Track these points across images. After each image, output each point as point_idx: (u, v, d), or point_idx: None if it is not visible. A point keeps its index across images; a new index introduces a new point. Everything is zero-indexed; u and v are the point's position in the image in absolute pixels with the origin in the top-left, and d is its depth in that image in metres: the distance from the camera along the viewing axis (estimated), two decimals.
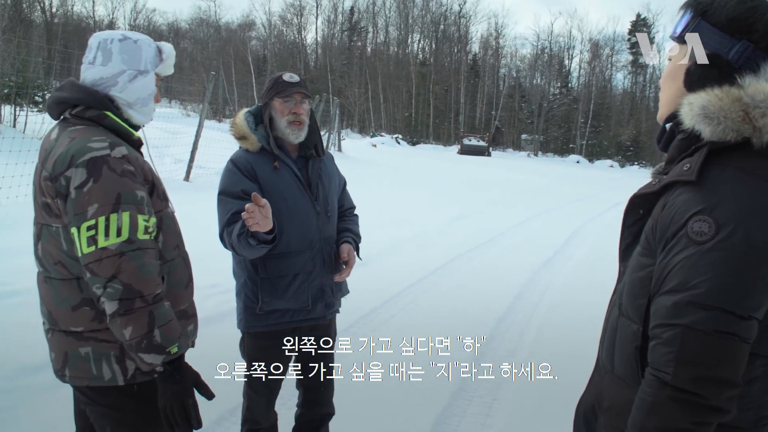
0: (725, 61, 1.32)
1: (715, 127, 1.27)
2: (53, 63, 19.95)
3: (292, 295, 2.64)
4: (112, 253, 1.73)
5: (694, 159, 1.29)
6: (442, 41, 63.75)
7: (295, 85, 2.62)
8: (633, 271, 1.40)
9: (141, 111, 1.99)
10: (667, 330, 1.23)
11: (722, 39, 1.33)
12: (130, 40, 1.96)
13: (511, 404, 3.86)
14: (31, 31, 40.98)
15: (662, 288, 1.27)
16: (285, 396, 3.16)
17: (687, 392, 1.20)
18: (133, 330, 1.76)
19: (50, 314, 1.93)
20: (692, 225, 1.23)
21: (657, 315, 1.27)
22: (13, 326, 4.29)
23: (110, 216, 1.74)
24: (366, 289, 5.47)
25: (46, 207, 1.84)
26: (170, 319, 1.85)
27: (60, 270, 1.87)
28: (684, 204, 1.26)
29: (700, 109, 1.29)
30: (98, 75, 1.93)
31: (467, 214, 11.60)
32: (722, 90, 1.29)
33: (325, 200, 2.74)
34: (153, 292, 1.80)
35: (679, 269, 1.23)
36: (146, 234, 1.81)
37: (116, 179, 1.77)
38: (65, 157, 1.77)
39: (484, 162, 32.18)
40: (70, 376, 1.93)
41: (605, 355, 1.50)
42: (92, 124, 1.89)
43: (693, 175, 1.26)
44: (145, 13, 70.18)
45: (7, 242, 5.88)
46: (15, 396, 3.45)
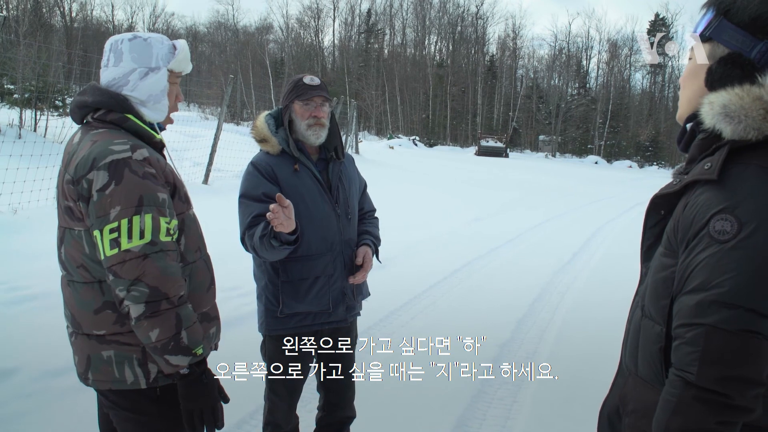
0: (747, 60, 1.31)
1: (736, 125, 1.27)
2: (73, 67, 20.17)
3: (313, 297, 2.63)
4: (136, 255, 1.74)
5: (715, 158, 1.29)
6: (459, 42, 63.65)
7: (315, 87, 2.61)
8: (656, 272, 1.38)
9: (154, 108, 1.98)
10: (690, 329, 1.22)
11: (744, 38, 1.32)
12: (140, 38, 1.96)
13: (530, 406, 3.81)
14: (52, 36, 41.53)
15: (685, 287, 1.26)
16: (306, 399, 3.15)
17: (711, 392, 1.18)
18: (160, 332, 1.76)
19: (73, 317, 1.94)
20: (714, 224, 1.22)
21: (680, 315, 1.25)
22: (35, 329, 4.32)
23: (133, 218, 1.74)
24: (385, 291, 5.46)
25: (69, 210, 1.84)
26: (194, 320, 1.86)
27: (82, 273, 1.87)
28: (705, 203, 1.25)
29: (720, 108, 1.29)
30: (111, 76, 1.95)
31: (485, 216, 11.56)
32: (743, 89, 1.28)
33: (346, 203, 2.73)
34: (178, 294, 1.80)
35: (701, 268, 1.22)
36: (168, 236, 1.82)
37: (138, 181, 1.77)
38: (87, 160, 1.78)
39: (502, 163, 32.07)
40: (93, 380, 1.93)
41: (629, 356, 1.48)
42: (114, 127, 1.90)
43: (714, 174, 1.26)
44: (164, 17, 70.99)
45: (28, 246, 5.94)
46: (36, 399, 3.47)
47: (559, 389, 3.97)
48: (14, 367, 3.72)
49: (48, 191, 7.25)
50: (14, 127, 10.12)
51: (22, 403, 3.42)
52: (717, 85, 1.33)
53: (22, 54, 11.70)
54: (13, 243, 6.00)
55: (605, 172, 33.91)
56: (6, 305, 4.65)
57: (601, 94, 57.59)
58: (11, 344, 4.06)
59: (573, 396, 3.75)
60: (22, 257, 5.62)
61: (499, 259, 8.07)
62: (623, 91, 58.60)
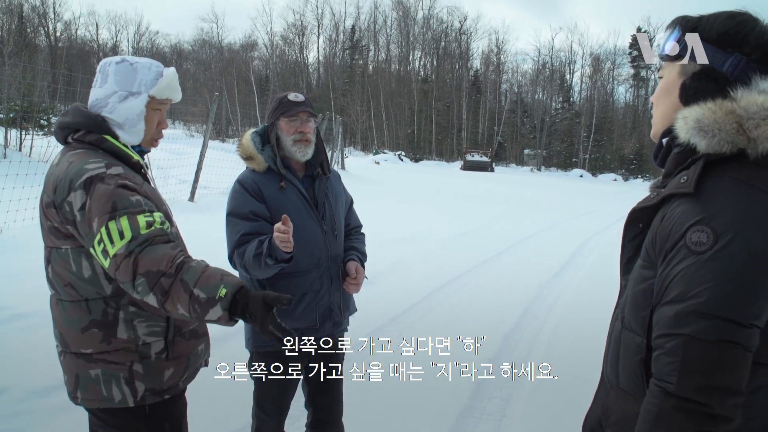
0: (720, 74, 1.35)
1: (710, 139, 1.30)
2: (58, 87, 20.12)
3: (300, 314, 2.64)
4: (123, 256, 1.76)
5: (690, 171, 1.31)
6: (444, 58, 64.13)
7: (300, 104, 2.65)
8: (635, 284, 1.40)
9: (130, 131, 2.00)
10: (669, 340, 1.23)
11: (715, 53, 1.36)
12: (127, 62, 2.00)
13: (520, 420, 3.84)
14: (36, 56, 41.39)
15: (663, 298, 1.27)
16: (294, 416, 3.15)
17: (691, 401, 1.19)
18: (182, 305, 1.76)
19: (61, 336, 1.95)
20: (691, 235, 1.24)
21: (659, 325, 1.27)
22: (22, 349, 4.30)
23: (109, 224, 1.76)
24: (373, 308, 5.47)
25: (54, 230, 1.87)
26: (201, 271, 1.79)
27: (69, 292, 1.89)
28: (682, 215, 1.28)
29: (694, 122, 1.32)
30: (95, 96, 2.00)
31: (472, 230, 11.60)
32: (715, 103, 1.31)
33: (332, 219, 2.75)
34: (172, 264, 1.78)
35: (679, 279, 1.24)
36: (149, 227, 1.81)
37: (110, 190, 1.80)
38: (64, 182, 1.81)
39: (488, 177, 32.22)
40: (82, 398, 1.95)
41: (610, 368, 1.50)
42: (92, 147, 1.93)
43: (690, 187, 1.28)
44: (149, 35, 70.99)
45: (15, 265, 5.90)
46: (24, 419, 3.45)
47: (549, 404, 4.00)
48: (2, 386, 3.69)
49: (34, 210, 7.21)
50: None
51: (10, 422, 3.39)
52: (691, 100, 1.37)
53: (7, 74, 11.66)
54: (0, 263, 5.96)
55: (590, 185, 34.17)
56: None
57: (585, 107, 58.16)
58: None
59: (563, 411, 3.78)
60: (9, 277, 5.59)
61: (486, 273, 8.11)
62: (607, 105, 59.25)
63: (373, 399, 4.04)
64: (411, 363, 4.72)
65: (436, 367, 4.68)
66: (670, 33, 1.45)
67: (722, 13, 1.38)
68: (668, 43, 1.44)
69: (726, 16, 1.37)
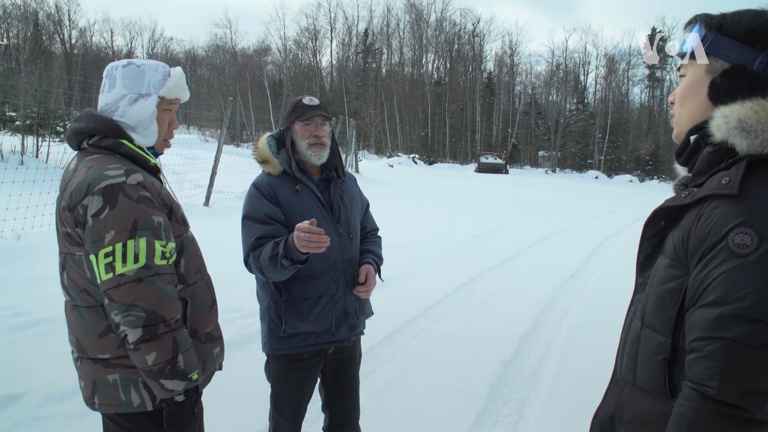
0: (752, 71, 1.33)
1: (753, 140, 1.28)
2: (73, 93, 20.30)
3: (315, 317, 2.65)
4: (130, 279, 1.75)
5: (732, 172, 1.28)
6: (457, 60, 64.04)
7: (315, 107, 2.65)
8: (660, 283, 1.38)
9: (143, 134, 2.00)
10: (709, 343, 1.21)
11: (744, 51, 1.34)
12: (134, 65, 2.00)
13: (536, 423, 3.81)
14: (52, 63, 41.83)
15: (701, 300, 1.25)
16: (310, 419, 3.15)
17: (732, 406, 1.18)
18: (157, 356, 1.77)
19: (78, 342, 1.95)
20: (733, 237, 1.21)
21: (696, 328, 1.25)
22: (39, 355, 4.34)
23: (127, 242, 1.76)
24: (388, 311, 5.48)
25: (68, 236, 1.87)
26: (190, 345, 1.87)
27: (85, 297, 1.88)
28: (723, 216, 1.25)
29: (736, 122, 1.29)
30: (104, 101, 1.99)
31: (486, 233, 11.57)
32: (757, 103, 1.29)
33: (347, 222, 2.75)
34: (174, 317, 1.82)
35: (720, 282, 1.22)
36: (163, 259, 1.83)
37: (132, 206, 1.79)
38: (82, 186, 1.80)
39: (502, 180, 32.13)
40: (99, 404, 1.94)
41: (626, 366, 1.48)
42: (109, 152, 1.92)
43: (735, 189, 1.25)
44: (163, 41, 71.48)
45: (32, 271, 5.96)
46: (43, 424, 3.47)
47: (563, 405, 3.97)
48: (20, 392, 3.73)
49: (51, 216, 7.28)
50: (16, 153, 10.20)
51: (29, 427, 3.42)
52: (724, 98, 1.35)
53: (24, 81, 11.80)
54: (17, 269, 6.02)
55: (606, 186, 33.96)
56: (11, 331, 4.66)
57: (600, 108, 57.81)
58: (17, 369, 4.08)
59: (576, 411, 3.75)
60: (26, 283, 5.65)
61: (501, 276, 8.08)
62: (621, 106, 58.88)
63: (388, 402, 4.04)
64: (426, 366, 4.74)
65: (451, 370, 4.68)
66: (690, 30, 1.44)
67: (747, 11, 1.37)
68: (690, 40, 1.43)
69: (753, 13, 1.36)
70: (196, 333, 2.03)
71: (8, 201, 6.88)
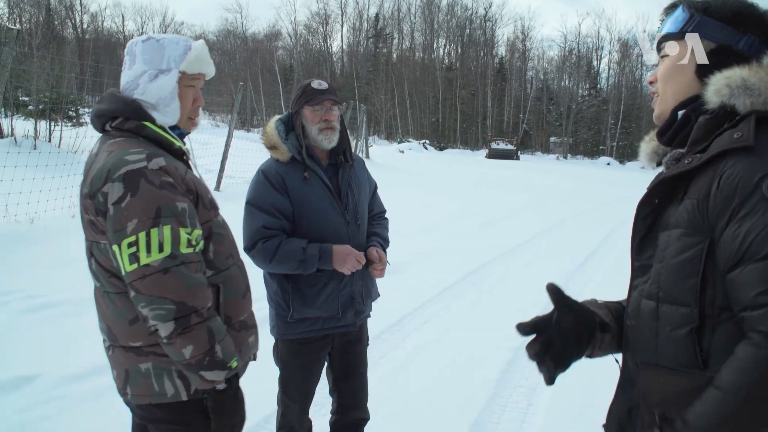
0: (737, 51, 1.39)
1: (757, 98, 1.32)
2: (85, 78, 20.38)
3: (322, 303, 2.66)
4: (155, 270, 1.67)
5: (743, 127, 1.29)
6: (468, 45, 63.67)
7: (324, 92, 2.65)
8: (676, 254, 1.35)
9: (165, 111, 1.90)
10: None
11: (729, 32, 1.40)
12: (153, 39, 1.90)
13: (546, 410, 3.82)
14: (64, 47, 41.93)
15: (749, 256, 1.22)
16: (319, 403, 3.18)
17: None
18: (194, 348, 1.69)
19: (109, 330, 1.87)
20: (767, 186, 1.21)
21: (756, 283, 1.21)
22: (53, 336, 4.39)
23: (150, 231, 1.67)
24: (397, 296, 5.49)
25: (91, 224, 1.79)
26: (225, 332, 1.79)
27: (114, 283, 1.80)
28: (748, 169, 1.24)
29: (741, 80, 1.33)
30: (125, 79, 1.91)
31: (497, 220, 11.54)
32: (753, 66, 1.35)
33: (355, 209, 2.75)
34: (206, 305, 1.74)
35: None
36: (189, 247, 1.74)
37: (155, 192, 1.70)
38: (102, 172, 1.72)
39: (513, 166, 32.01)
40: (132, 394, 1.86)
41: (644, 351, 1.44)
42: (131, 135, 1.83)
43: (750, 140, 1.26)
44: (174, 26, 71.23)
45: (45, 255, 6.01)
46: (57, 405, 3.52)
47: (575, 394, 3.97)
48: (34, 373, 3.77)
49: (63, 200, 7.33)
50: (29, 138, 10.24)
51: (43, 408, 3.46)
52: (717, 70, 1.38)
53: (36, 66, 11.84)
54: (30, 252, 6.07)
55: (618, 173, 33.75)
56: (24, 313, 4.71)
57: (613, 94, 57.36)
58: (31, 351, 4.13)
59: (590, 399, 3.76)
60: (39, 266, 5.70)
61: (512, 262, 8.07)
62: (635, 91, 58.29)
63: (397, 387, 4.06)
64: (436, 351, 4.75)
65: (461, 355, 4.69)
66: (674, 12, 1.49)
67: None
68: (677, 22, 1.47)
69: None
70: (230, 321, 1.93)
71: (22, 185, 6.92)
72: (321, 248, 2.56)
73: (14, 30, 5.81)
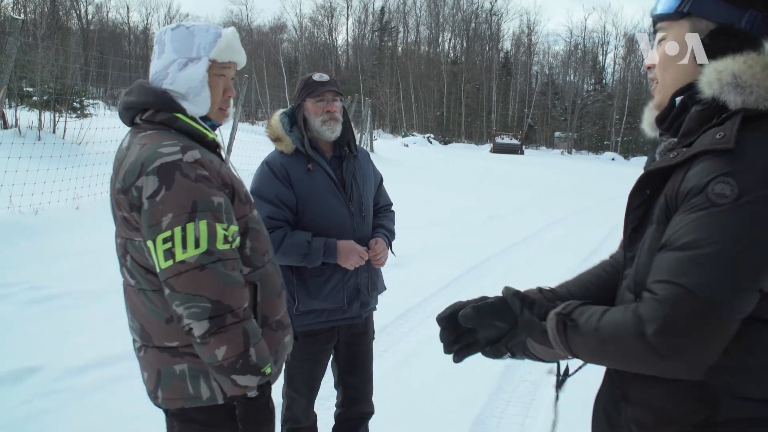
0: (740, 30, 1.29)
1: (748, 96, 1.22)
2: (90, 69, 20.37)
3: (327, 295, 2.66)
4: (192, 267, 1.61)
5: (727, 127, 1.22)
6: (474, 39, 63.52)
7: (325, 84, 2.65)
8: (650, 251, 1.31)
9: (195, 101, 1.83)
10: (665, 288, 1.17)
11: (729, 10, 1.30)
12: (183, 27, 1.84)
13: (549, 405, 3.81)
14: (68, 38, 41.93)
15: (669, 244, 1.21)
16: (323, 396, 3.17)
17: (656, 351, 1.16)
18: (228, 350, 1.63)
19: (142, 329, 1.79)
20: (714, 186, 1.16)
21: (660, 271, 1.21)
22: (56, 329, 4.39)
23: (186, 226, 1.61)
24: (401, 290, 5.48)
25: (125, 221, 1.72)
26: (260, 336, 1.73)
27: (151, 280, 1.73)
28: (710, 167, 1.19)
29: (731, 77, 1.24)
30: (154, 69, 1.84)
31: (501, 214, 11.53)
32: (750, 57, 1.24)
33: (359, 200, 2.75)
34: (242, 306, 1.68)
35: (692, 228, 1.17)
36: (226, 243, 1.68)
37: (190, 185, 1.64)
38: (135, 166, 1.65)
39: (517, 160, 31.97)
40: (163, 398, 1.79)
41: None
42: (164, 128, 1.78)
43: (731, 143, 1.18)
44: (179, 18, 71.18)
45: (49, 247, 6.02)
46: (59, 397, 3.52)
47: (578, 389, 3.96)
48: (37, 365, 3.77)
49: (68, 192, 7.35)
50: (33, 128, 10.25)
51: (45, 400, 3.46)
52: (716, 55, 1.29)
53: (40, 57, 11.83)
54: (34, 243, 6.08)
55: (623, 168, 33.67)
56: (27, 304, 4.72)
57: (618, 89, 57.25)
58: (33, 343, 4.13)
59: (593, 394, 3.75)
60: (43, 257, 5.70)
61: (516, 257, 8.06)
62: (640, 87, 58.07)
63: (400, 381, 4.05)
64: (439, 346, 4.74)
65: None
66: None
67: None
68: (671, 1, 1.37)
69: None
70: (267, 320, 1.87)
71: (26, 176, 6.93)
72: (326, 243, 2.56)
73: (19, 20, 5.80)
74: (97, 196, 7.66)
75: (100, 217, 6.97)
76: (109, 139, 8.83)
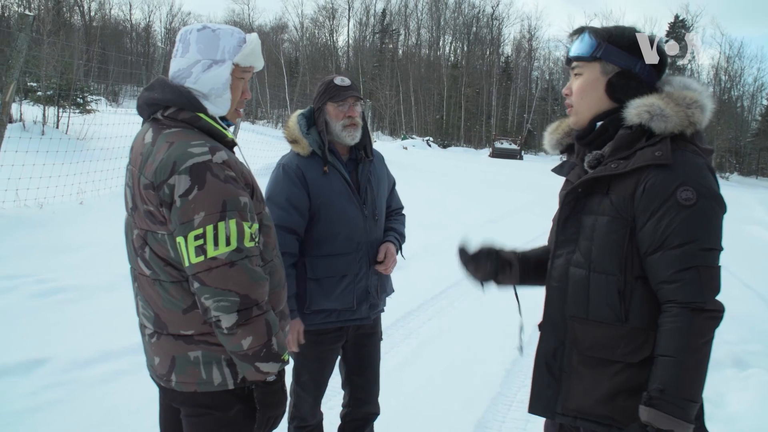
0: (636, 74, 1.79)
1: (668, 123, 1.71)
2: (92, 65, 20.37)
3: (338, 295, 2.69)
4: (222, 263, 1.69)
5: (661, 147, 1.69)
6: (474, 43, 63.60)
7: (347, 88, 2.67)
8: (606, 236, 1.76)
9: (216, 102, 1.89)
10: (687, 272, 1.63)
11: (629, 58, 1.79)
12: (209, 29, 1.89)
13: None
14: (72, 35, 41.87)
15: (666, 246, 1.65)
16: (329, 395, 3.21)
17: (714, 311, 1.63)
18: (253, 339, 1.73)
19: (157, 318, 1.86)
20: (680, 194, 1.64)
21: (670, 265, 1.65)
22: (62, 321, 4.43)
23: (218, 224, 1.69)
24: (402, 292, 5.49)
25: (150, 215, 1.78)
26: (279, 326, 1.83)
27: (170, 272, 1.80)
28: (666, 180, 1.66)
29: (659, 110, 1.71)
30: (177, 67, 1.89)
31: (500, 217, 11.59)
32: (661, 97, 1.74)
33: (373, 204, 2.79)
34: (264, 299, 1.78)
35: (680, 229, 1.64)
36: (251, 241, 1.77)
37: (221, 186, 1.71)
38: (167, 164, 1.71)
39: (516, 165, 32.02)
40: (177, 381, 1.86)
41: (573, 307, 1.83)
42: (187, 126, 1.82)
43: (669, 159, 1.67)
44: (181, 16, 71.19)
45: (54, 240, 6.05)
46: (66, 389, 3.56)
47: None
48: (44, 357, 3.82)
49: (72, 187, 7.38)
50: (38, 123, 10.28)
51: (52, 392, 3.51)
52: (620, 94, 1.79)
53: (46, 52, 11.86)
54: (40, 237, 6.11)
55: None
56: (33, 297, 4.76)
57: None
58: (40, 335, 4.17)
59: None
60: (48, 251, 5.74)
61: None
62: None
63: (401, 384, 4.09)
64: (441, 348, 4.78)
65: (465, 353, 4.72)
66: (581, 40, 1.84)
67: (625, 27, 1.83)
68: (585, 48, 1.82)
69: (629, 30, 1.82)
70: (273, 311, 1.93)
71: (31, 170, 6.95)
72: (292, 313, 2.57)
73: (30, 16, 5.83)
74: (100, 192, 7.70)
75: (103, 211, 7.01)
76: (111, 135, 8.87)
